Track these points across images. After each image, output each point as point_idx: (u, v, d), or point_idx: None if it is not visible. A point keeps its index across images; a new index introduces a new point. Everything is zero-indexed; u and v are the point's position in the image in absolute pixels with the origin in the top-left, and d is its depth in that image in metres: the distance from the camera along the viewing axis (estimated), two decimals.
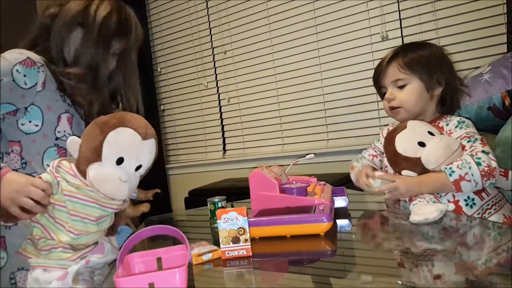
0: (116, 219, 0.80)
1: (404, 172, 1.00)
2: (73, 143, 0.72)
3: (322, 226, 0.85)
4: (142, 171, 0.75)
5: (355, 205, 1.16)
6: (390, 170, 1.12)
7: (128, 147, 0.71)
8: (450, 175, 0.95)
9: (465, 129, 1.06)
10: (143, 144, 0.72)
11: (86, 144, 0.71)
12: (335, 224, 0.92)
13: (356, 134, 2.37)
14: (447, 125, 1.10)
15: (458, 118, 1.10)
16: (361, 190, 1.13)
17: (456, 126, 1.08)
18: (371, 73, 2.24)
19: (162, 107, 3.11)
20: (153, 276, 0.57)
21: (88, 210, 0.71)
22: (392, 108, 1.14)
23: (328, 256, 0.82)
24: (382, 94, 1.18)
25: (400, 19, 2.18)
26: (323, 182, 1.15)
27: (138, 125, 0.73)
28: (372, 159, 1.23)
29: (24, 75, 0.93)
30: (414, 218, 0.85)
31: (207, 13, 2.83)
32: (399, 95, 1.11)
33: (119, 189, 0.71)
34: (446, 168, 0.96)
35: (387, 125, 1.30)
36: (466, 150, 1.01)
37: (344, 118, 2.40)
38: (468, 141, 1.02)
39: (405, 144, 1.00)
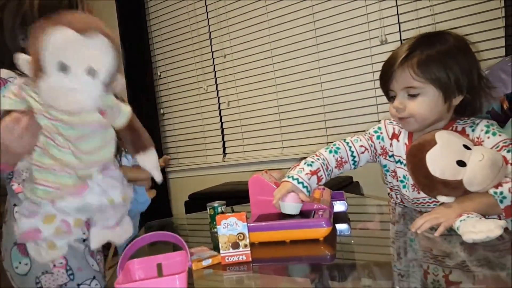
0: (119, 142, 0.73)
1: (440, 197, 0.85)
2: (23, 61, 0.62)
3: (321, 231, 0.85)
4: (101, 74, 0.63)
5: (354, 209, 1.16)
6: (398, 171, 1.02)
7: (65, 49, 0.60)
8: (501, 201, 0.81)
9: (499, 135, 0.90)
10: (83, 41, 0.61)
11: (30, 57, 0.62)
12: (334, 228, 0.92)
13: None
14: (473, 130, 0.93)
15: (485, 122, 0.94)
16: (362, 194, 1.08)
17: (487, 132, 0.91)
18: (370, 77, 2.29)
19: (162, 111, 3.12)
20: (153, 283, 0.57)
21: (61, 130, 0.64)
22: (401, 118, 0.98)
23: (328, 261, 0.82)
24: (389, 97, 1.01)
25: (399, 23, 2.20)
26: (322, 186, 1.15)
27: (75, 21, 0.62)
28: (362, 152, 1.07)
29: None
30: (471, 236, 0.72)
31: (207, 17, 2.85)
32: (410, 106, 0.94)
33: (71, 99, 0.62)
34: (496, 193, 0.81)
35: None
36: (510, 163, 0.85)
37: (343, 122, 2.41)
38: (508, 151, 0.86)
39: (441, 165, 0.83)
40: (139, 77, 3.02)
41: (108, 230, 0.75)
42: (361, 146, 1.07)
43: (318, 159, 1.05)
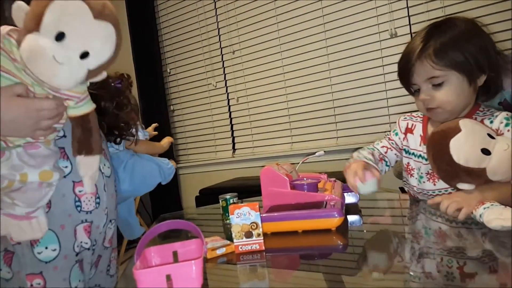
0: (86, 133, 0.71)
1: (460, 185, 0.85)
2: (19, 10, 0.59)
3: (333, 221, 0.86)
4: (92, 61, 0.61)
5: (366, 201, 1.16)
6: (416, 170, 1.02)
7: (72, 21, 0.58)
8: None
9: None
10: (93, 24, 0.59)
11: (30, 10, 0.59)
12: (346, 219, 0.93)
13: (365, 131, 2.37)
14: (492, 122, 0.92)
15: (504, 114, 0.93)
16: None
17: (507, 125, 0.90)
18: (380, 70, 2.28)
19: (171, 108, 3.14)
20: (170, 268, 0.59)
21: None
22: (429, 109, 0.96)
23: (340, 251, 0.83)
24: (412, 92, 1.00)
25: (409, 16, 2.18)
26: (333, 179, 1.16)
27: (91, 2, 0.59)
28: (386, 152, 1.10)
29: None
30: (499, 223, 0.71)
31: (216, 13, 2.86)
32: (436, 95, 0.93)
33: (51, 70, 0.59)
34: None
35: (406, 114, 1.13)
36: None
37: (353, 116, 2.40)
38: None
39: (466, 153, 0.82)
40: (149, 74, 3.05)
41: (11, 220, 0.71)
42: (383, 146, 1.12)
43: (361, 155, 1.07)
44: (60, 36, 0.57)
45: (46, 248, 0.78)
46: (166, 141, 1.44)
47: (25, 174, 0.68)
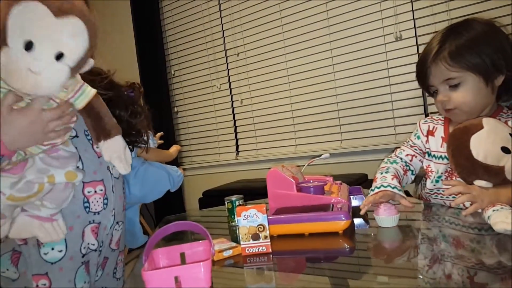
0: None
1: (478, 182, 0.84)
2: None
3: (340, 224, 0.86)
4: (69, 59, 0.60)
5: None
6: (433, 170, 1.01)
7: (35, 27, 0.56)
8: None
9: None
10: (56, 23, 0.57)
11: None
12: (352, 222, 0.92)
13: (370, 134, 2.36)
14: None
15: None
16: None
17: None
18: (385, 73, 2.27)
19: (175, 109, 3.15)
20: (179, 270, 0.59)
21: None
22: (447, 110, 0.97)
23: (347, 254, 0.82)
24: (431, 93, 1.01)
25: (414, 19, 2.18)
26: (339, 182, 1.16)
27: (49, 1, 0.57)
28: (411, 160, 1.08)
29: None
30: (503, 227, 0.71)
31: (220, 15, 2.86)
32: (453, 97, 0.93)
33: (30, 82, 0.58)
34: None
35: (426, 117, 1.12)
36: None
37: (358, 119, 2.40)
38: None
39: (485, 149, 0.82)
40: (153, 76, 3.06)
41: (36, 220, 0.72)
42: (407, 155, 1.09)
43: (388, 168, 1.05)
44: (28, 45, 0.56)
45: (53, 249, 0.78)
46: (175, 149, 1.49)
47: (52, 176, 0.69)
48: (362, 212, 0.94)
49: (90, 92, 0.71)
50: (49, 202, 0.72)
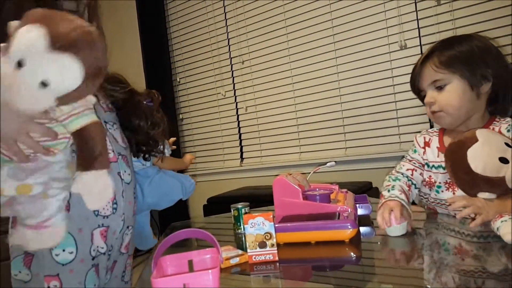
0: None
1: (481, 194, 0.84)
2: (10, 26, 0.60)
3: (347, 233, 0.86)
4: (55, 90, 0.60)
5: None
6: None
7: (27, 51, 0.58)
8: None
9: None
10: (44, 56, 0.58)
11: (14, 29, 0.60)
12: (358, 231, 0.92)
13: (374, 142, 2.37)
14: (509, 131, 0.95)
15: (510, 121, 0.96)
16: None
17: (509, 131, 0.93)
18: (389, 82, 2.28)
19: (180, 116, 3.16)
20: (187, 277, 0.59)
21: None
22: (433, 113, 1.01)
23: (353, 262, 0.82)
24: (422, 98, 1.06)
25: (419, 28, 2.19)
26: (345, 190, 1.16)
27: (56, 29, 0.58)
28: (412, 174, 1.07)
29: None
30: (510, 238, 0.71)
31: (226, 24, 2.89)
32: (439, 98, 0.98)
33: (9, 96, 0.59)
34: None
35: (419, 131, 1.14)
36: None
37: (362, 127, 2.40)
38: None
39: (483, 162, 0.83)
40: (159, 83, 3.08)
41: (29, 231, 0.69)
42: (408, 169, 1.09)
43: (394, 186, 1.03)
44: (20, 63, 0.58)
45: (64, 250, 0.79)
46: (189, 158, 1.51)
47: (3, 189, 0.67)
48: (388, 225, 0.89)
49: (85, 120, 0.67)
50: (23, 214, 0.69)
